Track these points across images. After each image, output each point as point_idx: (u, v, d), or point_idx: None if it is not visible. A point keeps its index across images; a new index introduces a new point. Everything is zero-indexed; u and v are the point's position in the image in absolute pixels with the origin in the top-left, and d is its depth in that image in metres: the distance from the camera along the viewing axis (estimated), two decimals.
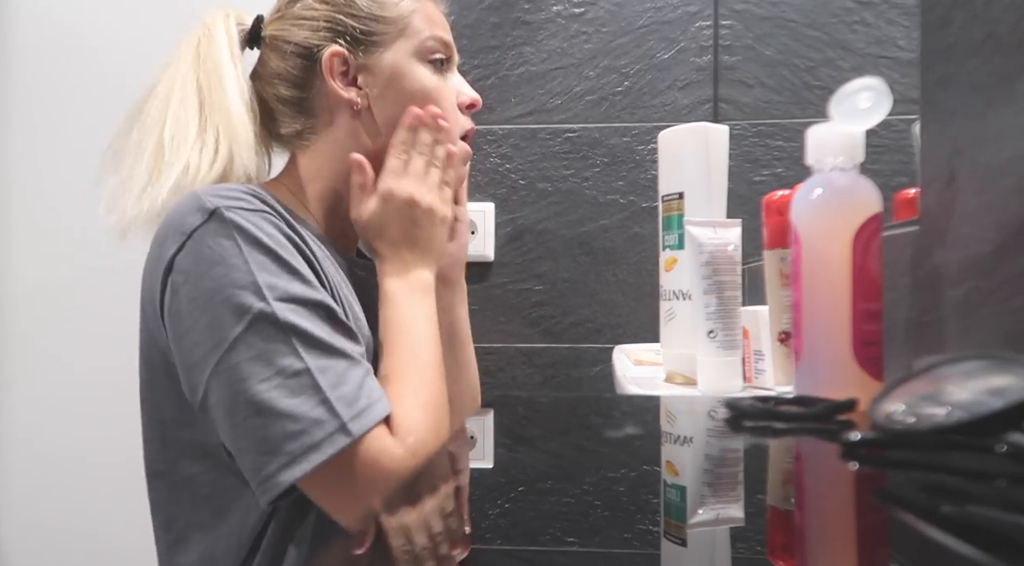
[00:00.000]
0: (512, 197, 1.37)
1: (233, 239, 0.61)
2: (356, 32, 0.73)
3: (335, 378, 0.59)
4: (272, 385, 0.58)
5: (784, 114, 1.32)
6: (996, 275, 0.47)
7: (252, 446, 0.58)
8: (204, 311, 0.60)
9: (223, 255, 0.60)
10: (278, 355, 0.58)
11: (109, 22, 1.46)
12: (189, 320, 0.61)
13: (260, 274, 0.60)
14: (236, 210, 0.63)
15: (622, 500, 0.34)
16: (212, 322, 0.59)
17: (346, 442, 0.57)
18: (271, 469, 0.57)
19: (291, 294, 0.61)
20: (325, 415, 0.58)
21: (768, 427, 0.49)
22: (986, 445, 0.31)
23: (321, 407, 0.58)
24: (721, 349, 0.67)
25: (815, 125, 0.55)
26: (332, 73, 0.73)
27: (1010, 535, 0.26)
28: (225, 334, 0.59)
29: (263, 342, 0.58)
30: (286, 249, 0.63)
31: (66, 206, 1.45)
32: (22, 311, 1.46)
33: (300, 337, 0.59)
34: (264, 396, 0.57)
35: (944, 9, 0.54)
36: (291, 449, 0.57)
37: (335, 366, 0.60)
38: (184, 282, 0.61)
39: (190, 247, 0.61)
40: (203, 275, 0.61)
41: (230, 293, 0.59)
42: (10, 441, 1.46)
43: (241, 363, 0.58)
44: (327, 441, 0.57)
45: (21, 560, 1.45)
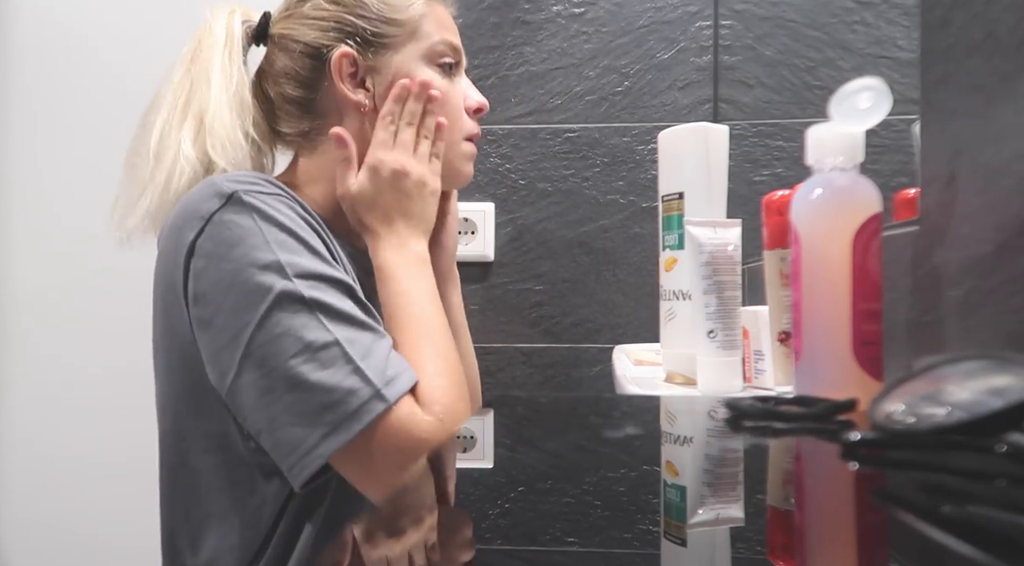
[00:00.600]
0: (512, 197, 1.37)
1: (252, 219, 0.62)
2: (366, 34, 0.73)
3: (363, 349, 0.60)
4: (303, 359, 0.58)
5: (784, 114, 1.32)
6: (996, 275, 0.47)
7: (290, 420, 0.59)
8: (228, 293, 0.60)
9: (243, 236, 0.61)
10: (306, 330, 0.59)
11: (110, 22, 1.46)
12: (214, 303, 0.61)
13: (281, 253, 0.61)
14: (254, 193, 0.63)
15: (622, 500, 0.34)
16: (237, 303, 0.60)
17: (382, 408, 0.58)
18: (312, 440, 0.58)
19: (313, 271, 0.61)
20: (359, 384, 0.58)
21: (768, 427, 0.49)
22: (986, 445, 0.31)
23: (354, 376, 0.59)
24: (721, 349, 0.67)
25: (815, 125, 0.55)
26: (341, 74, 0.73)
27: (1010, 535, 0.26)
28: (252, 314, 0.59)
29: (290, 318, 0.59)
30: (305, 229, 0.64)
31: (66, 206, 1.45)
32: (22, 311, 1.46)
33: (325, 311, 0.60)
34: (296, 370, 0.58)
35: (944, 9, 0.54)
36: (330, 419, 0.58)
37: (362, 338, 0.61)
38: (206, 266, 0.62)
39: (210, 231, 0.62)
40: (224, 257, 0.61)
41: (252, 273, 0.60)
42: (10, 441, 1.46)
43: (270, 341, 0.59)
44: (364, 409, 0.58)
45: (21, 560, 1.45)
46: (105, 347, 1.42)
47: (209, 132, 0.71)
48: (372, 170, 0.72)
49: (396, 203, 0.72)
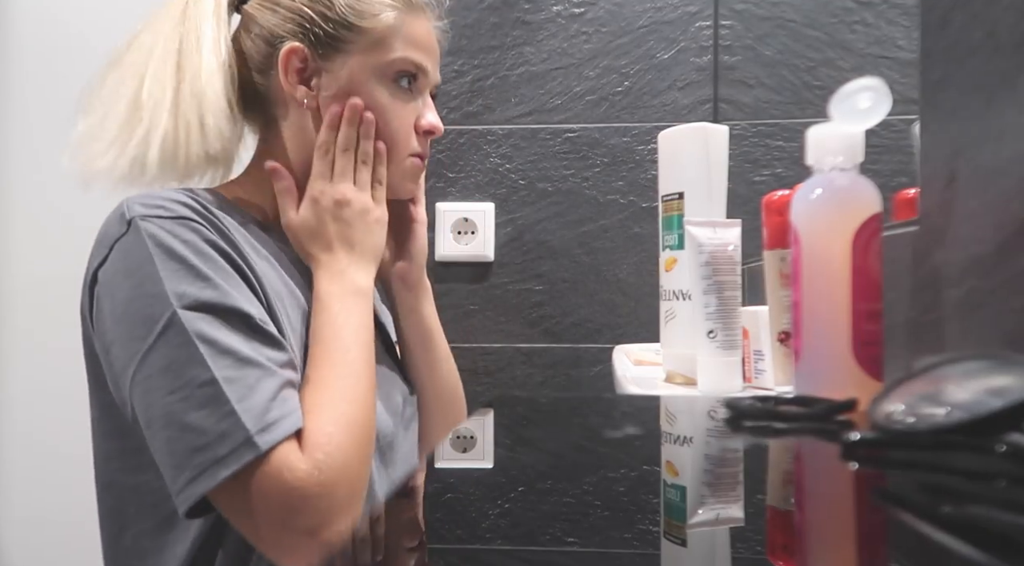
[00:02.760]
0: (512, 197, 1.37)
1: (146, 248, 0.60)
2: (323, 33, 0.71)
3: (244, 389, 0.56)
4: (179, 397, 0.56)
5: (784, 114, 1.32)
6: (996, 275, 0.47)
7: (164, 459, 0.57)
8: (120, 323, 0.60)
9: (137, 265, 0.60)
10: (187, 366, 0.56)
11: (110, 22, 1.45)
12: (111, 334, 0.61)
13: (170, 283, 0.58)
14: (152, 219, 0.61)
15: (622, 500, 0.34)
16: (127, 333, 0.59)
17: (251, 456, 0.55)
18: (180, 483, 0.56)
19: (201, 301, 0.58)
20: (231, 428, 0.55)
21: (768, 427, 0.49)
22: (986, 445, 0.31)
23: (227, 420, 0.55)
24: (721, 349, 0.67)
25: (815, 125, 0.55)
26: (287, 68, 0.71)
27: (1010, 535, 0.26)
28: (138, 346, 0.58)
29: (172, 352, 0.57)
30: (203, 256, 0.61)
31: (66, 204, 1.45)
32: (22, 309, 1.46)
33: (209, 345, 0.57)
34: (171, 408, 0.56)
35: (944, 9, 0.54)
36: (198, 462, 0.55)
37: (246, 377, 0.57)
38: (104, 294, 0.62)
39: (112, 259, 0.62)
40: (119, 286, 0.61)
41: (141, 303, 0.59)
42: (10, 440, 1.46)
43: (152, 375, 0.57)
44: (232, 455, 0.55)
45: (21, 560, 1.45)
46: None
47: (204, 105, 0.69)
48: (313, 201, 0.71)
49: (338, 233, 0.70)
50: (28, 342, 1.46)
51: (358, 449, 0.60)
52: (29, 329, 1.46)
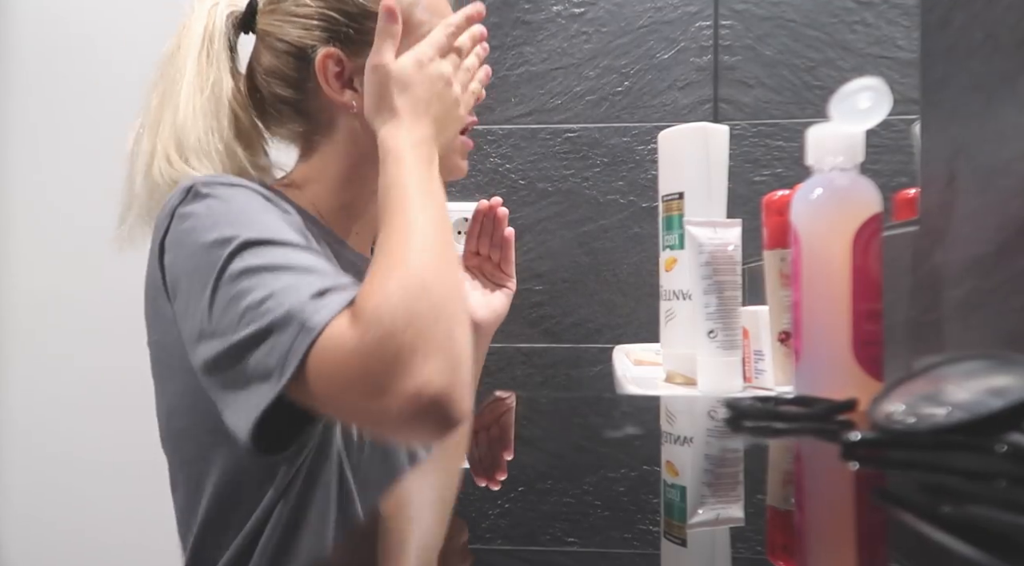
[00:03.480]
0: (512, 197, 1.37)
1: (206, 205, 0.61)
2: (351, 31, 0.70)
3: (300, 289, 0.55)
4: (245, 322, 0.55)
5: (784, 114, 1.32)
6: (996, 275, 0.47)
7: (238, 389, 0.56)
8: (191, 280, 0.60)
9: (196, 223, 0.60)
10: (246, 294, 0.56)
11: (110, 21, 1.46)
12: (185, 295, 0.60)
13: (227, 228, 0.59)
14: (212, 184, 0.62)
15: (622, 500, 0.34)
16: (198, 287, 0.59)
17: (312, 335, 0.53)
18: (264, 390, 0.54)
19: (258, 238, 0.58)
20: (289, 320, 0.54)
21: (768, 427, 0.49)
22: (986, 445, 0.31)
23: (285, 317, 0.54)
24: (721, 349, 0.67)
25: (815, 125, 0.55)
26: (326, 76, 0.70)
27: (1010, 535, 0.26)
28: (204, 295, 0.58)
29: (233, 287, 0.56)
30: (261, 209, 0.62)
31: (67, 205, 1.45)
32: (22, 310, 1.46)
33: (267, 270, 0.56)
34: (239, 337, 0.55)
35: (944, 9, 0.54)
36: (273, 363, 0.54)
37: (300, 282, 0.56)
38: (172, 259, 0.62)
39: (173, 225, 0.62)
40: (183, 245, 0.61)
41: (204, 253, 0.59)
42: (10, 441, 1.46)
43: (221, 317, 0.57)
44: (296, 342, 0.53)
45: (21, 560, 1.45)
46: (105, 347, 1.42)
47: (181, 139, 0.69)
48: (418, 61, 0.66)
49: (430, 101, 0.66)
50: (28, 343, 1.46)
51: (414, 314, 0.54)
52: (29, 330, 1.46)
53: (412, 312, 0.53)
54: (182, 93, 0.70)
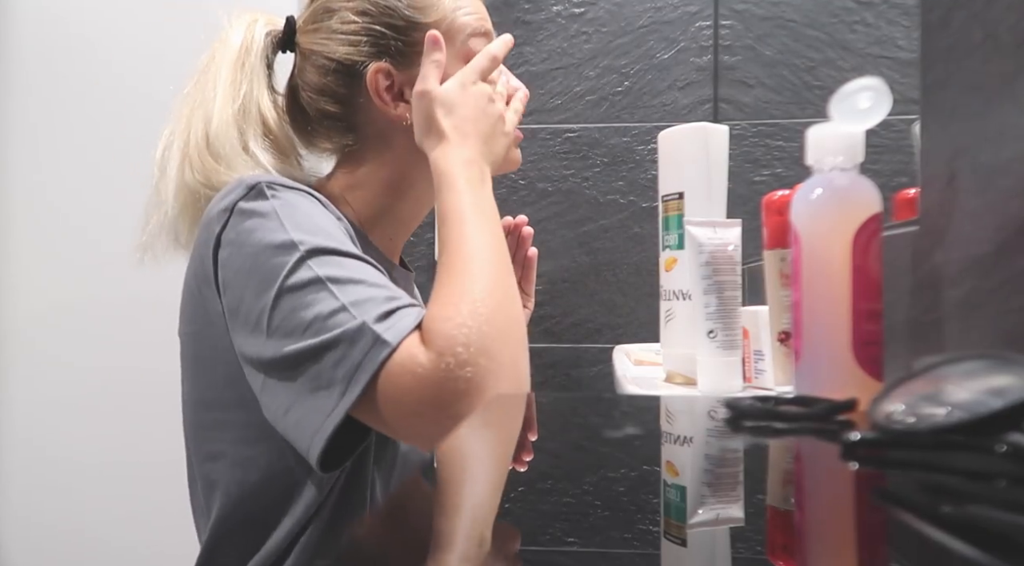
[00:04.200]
0: (512, 197, 1.37)
1: (271, 206, 0.61)
2: (399, 44, 0.70)
3: (370, 306, 0.56)
4: (313, 331, 0.56)
5: (784, 114, 1.32)
6: (996, 275, 0.47)
7: (304, 395, 0.56)
8: (249, 277, 0.60)
9: (262, 222, 0.61)
10: (315, 304, 0.56)
11: (111, 21, 1.46)
12: (239, 289, 0.60)
13: (295, 232, 0.59)
14: (276, 186, 0.63)
15: (622, 500, 0.34)
16: (257, 287, 0.59)
17: (384, 353, 0.54)
18: (328, 404, 0.55)
19: (327, 247, 0.59)
20: (361, 335, 0.55)
21: (768, 427, 0.49)
22: (986, 445, 0.31)
23: (358, 331, 0.55)
24: (721, 349, 0.67)
25: (815, 125, 0.55)
26: (378, 91, 0.70)
27: (1010, 535, 0.26)
28: (266, 297, 0.58)
29: (301, 295, 0.57)
30: (325, 217, 0.63)
31: (67, 205, 1.45)
32: (22, 311, 1.46)
33: (335, 282, 0.57)
34: (306, 344, 0.56)
35: (944, 9, 0.54)
36: (340, 376, 0.54)
37: (373, 297, 0.57)
38: (230, 254, 0.62)
39: (233, 221, 0.62)
40: (244, 243, 0.61)
41: (268, 255, 0.59)
42: (10, 441, 1.46)
43: (284, 321, 0.57)
44: (367, 358, 0.54)
45: (21, 560, 1.45)
46: (106, 348, 1.42)
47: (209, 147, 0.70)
48: (461, 83, 0.68)
49: (477, 120, 0.67)
50: (28, 344, 1.46)
51: (493, 329, 0.56)
52: (29, 330, 1.46)
53: (483, 339, 0.55)
54: (216, 102, 0.71)
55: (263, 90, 0.74)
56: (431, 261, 1.34)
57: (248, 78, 0.73)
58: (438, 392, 0.53)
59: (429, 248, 1.37)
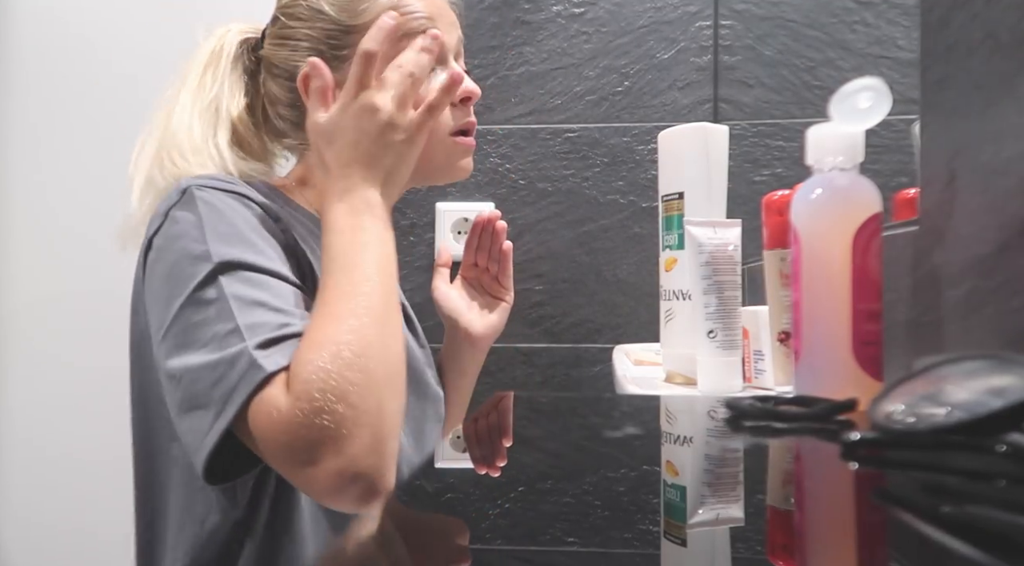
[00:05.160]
0: (512, 197, 1.37)
1: (197, 212, 0.61)
2: (331, 47, 0.71)
3: (262, 330, 0.55)
4: (207, 349, 0.56)
5: (784, 114, 1.32)
6: (996, 275, 0.47)
7: (188, 407, 0.56)
8: (164, 285, 0.61)
9: (186, 229, 0.61)
10: (216, 321, 0.56)
11: (110, 21, 1.46)
12: (157, 295, 0.61)
13: (213, 244, 0.59)
14: (205, 188, 0.63)
15: (622, 500, 0.34)
16: (168, 295, 0.60)
17: (259, 378, 0.53)
18: (205, 423, 0.54)
19: (242, 261, 0.58)
20: (240, 358, 0.54)
21: (768, 427, 0.49)
22: (986, 445, 0.31)
23: (239, 354, 0.54)
24: (721, 349, 0.67)
25: (815, 125, 0.55)
26: (307, 93, 0.70)
27: (1010, 535, 0.26)
28: (173, 305, 0.59)
29: (203, 310, 0.57)
30: (250, 225, 0.62)
31: (67, 205, 1.45)
32: (22, 311, 1.46)
33: (237, 300, 0.56)
34: (196, 361, 0.56)
35: (944, 9, 0.54)
36: (216, 396, 0.54)
37: (269, 322, 0.56)
38: (154, 260, 0.63)
39: (165, 225, 0.63)
40: (167, 250, 0.62)
41: (186, 263, 0.59)
42: (10, 441, 1.46)
43: (183, 333, 0.58)
44: (242, 382, 0.53)
45: (21, 560, 1.45)
46: (105, 346, 1.41)
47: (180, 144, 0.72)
48: (342, 106, 0.64)
49: (356, 144, 0.62)
50: (27, 344, 1.46)
51: (356, 374, 0.53)
52: (28, 331, 1.46)
53: (342, 385, 0.52)
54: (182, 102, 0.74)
55: (235, 93, 0.76)
56: (430, 261, 1.34)
57: (219, 81, 0.75)
58: (292, 438, 0.52)
59: (429, 248, 1.37)
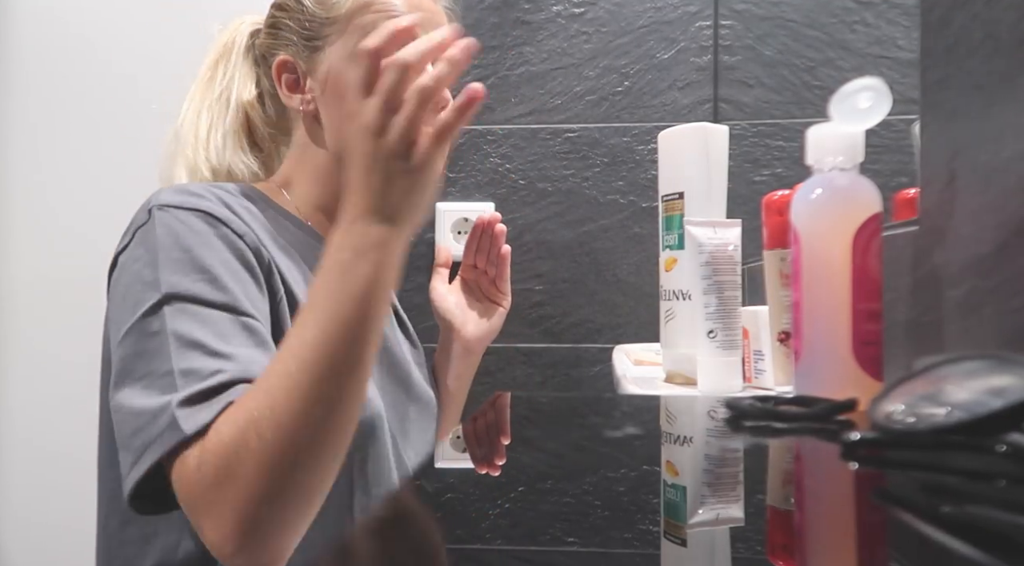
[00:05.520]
0: (512, 197, 1.37)
1: (156, 237, 0.60)
2: (303, 36, 0.72)
3: (193, 379, 0.54)
4: (140, 385, 0.55)
5: (784, 114, 1.32)
6: (996, 275, 0.47)
7: (118, 446, 0.56)
8: (119, 306, 0.61)
9: (145, 252, 0.60)
10: (154, 356, 0.55)
11: (110, 21, 1.46)
12: (112, 317, 0.62)
13: (165, 271, 0.58)
14: (170, 208, 0.62)
15: (622, 500, 0.34)
16: (119, 317, 0.60)
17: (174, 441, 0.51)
18: (126, 466, 0.54)
19: (191, 294, 0.57)
20: (163, 413, 0.52)
21: (768, 427, 0.49)
22: (986, 445, 0.31)
23: (163, 408, 0.53)
24: (721, 349, 0.67)
25: (815, 125, 0.55)
26: (280, 81, 0.74)
27: (1010, 535, 0.26)
28: (121, 329, 0.58)
29: (145, 340, 0.56)
30: (210, 248, 0.60)
31: (66, 205, 1.45)
32: (22, 310, 1.46)
33: (178, 339, 0.55)
34: (126, 402, 0.55)
35: (944, 9, 0.54)
36: (136, 445, 0.53)
37: (200, 369, 0.54)
38: (115, 280, 0.63)
39: (131, 245, 0.63)
40: (125, 271, 0.62)
41: (137, 288, 0.59)
42: (10, 441, 1.46)
43: (121, 359, 0.57)
44: (159, 440, 0.52)
45: (21, 560, 1.45)
46: None
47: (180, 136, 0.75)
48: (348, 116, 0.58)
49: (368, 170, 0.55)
50: (28, 344, 1.46)
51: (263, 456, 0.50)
52: (28, 330, 1.46)
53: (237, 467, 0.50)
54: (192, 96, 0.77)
55: (246, 82, 0.78)
56: (430, 261, 1.34)
57: (229, 73, 0.77)
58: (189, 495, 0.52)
59: (429, 248, 1.37)
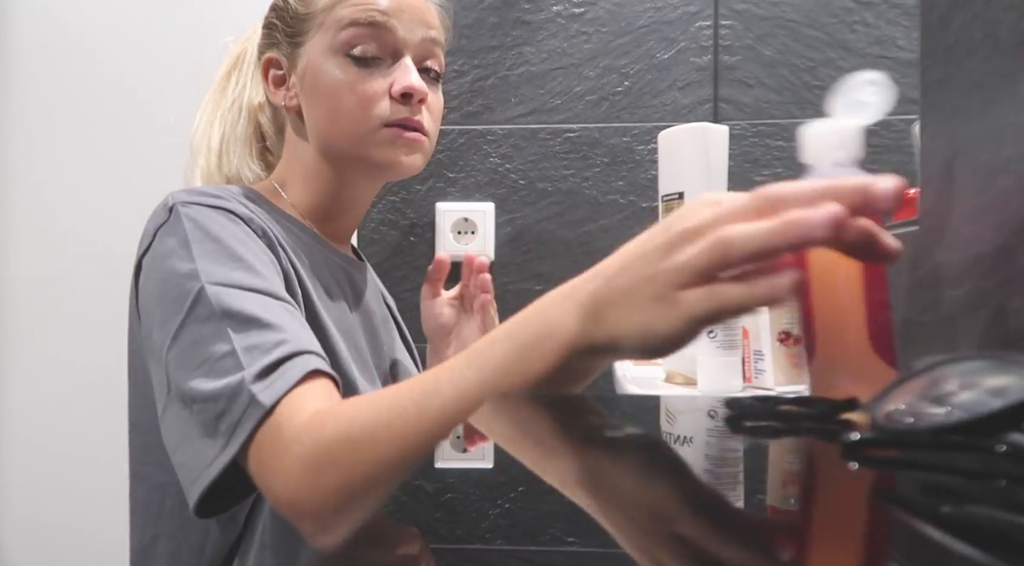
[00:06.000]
0: (512, 197, 1.37)
1: (184, 231, 0.61)
2: (287, 34, 0.74)
3: (258, 353, 0.54)
4: (204, 372, 0.55)
5: (784, 114, 1.32)
6: (996, 275, 0.47)
7: (185, 437, 0.55)
8: (157, 305, 0.60)
9: (174, 248, 0.61)
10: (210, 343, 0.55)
11: (110, 22, 1.46)
12: (150, 317, 0.61)
13: (202, 261, 0.59)
14: (191, 205, 0.63)
15: None
16: (162, 315, 0.59)
17: (259, 414, 0.52)
18: (210, 454, 0.53)
19: (231, 279, 0.58)
20: (240, 392, 0.53)
21: (768, 427, 0.49)
22: (986, 445, 0.31)
23: (238, 387, 0.53)
24: (721, 349, 0.67)
25: (809, 123, 0.55)
26: (266, 78, 0.75)
27: (1010, 535, 0.26)
28: (170, 326, 0.58)
29: (198, 330, 0.56)
30: (238, 239, 0.61)
31: (67, 205, 1.45)
32: (22, 310, 1.46)
33: (231, 319, 0.56)
34: (195, 388, 0.55)
35: (944, 9, 0.54)
36: (223, 428, 0.53)
37: (261, 343, 0.55)
38: (145, 281, 0.63)
39: (154, 245, 0.63)
40: (156, 270, 0.62)
41: (175, 282, 0.59)
42: (10, 441, 1.46)
43: (179, 354, 0.57)
44: (245, 416, 0.52)
45: (21, 560, 1.45)
46: (106, 346, 1.41)
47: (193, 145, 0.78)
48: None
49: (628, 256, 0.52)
50: (28, 344, 1.46)
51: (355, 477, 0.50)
52: (29, 331, 1.46)
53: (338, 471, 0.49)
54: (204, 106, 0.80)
55: (255, 89, 0.80)
56: (430, 261, 1.34)
57: (242, 82, 0.79)
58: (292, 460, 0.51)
59: (429, 248, 1.37)
